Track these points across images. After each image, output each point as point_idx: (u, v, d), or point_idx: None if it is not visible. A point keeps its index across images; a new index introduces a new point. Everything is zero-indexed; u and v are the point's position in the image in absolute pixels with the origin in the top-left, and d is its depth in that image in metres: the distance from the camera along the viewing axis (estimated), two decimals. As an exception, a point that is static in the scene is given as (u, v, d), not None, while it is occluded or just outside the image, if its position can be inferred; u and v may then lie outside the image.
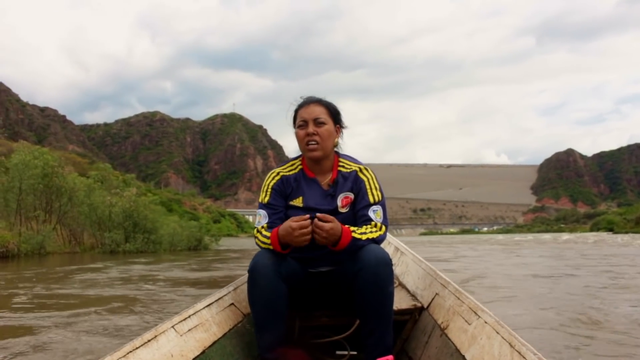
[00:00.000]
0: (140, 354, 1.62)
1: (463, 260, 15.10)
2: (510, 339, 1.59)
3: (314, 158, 2.33)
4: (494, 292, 6.87)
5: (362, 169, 2.36)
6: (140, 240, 23.08)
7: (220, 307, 2.26)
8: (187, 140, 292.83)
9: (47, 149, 23.23)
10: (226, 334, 2.16)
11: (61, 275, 10.46)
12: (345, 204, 2.31)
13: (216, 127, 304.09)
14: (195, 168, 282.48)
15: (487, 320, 1.80)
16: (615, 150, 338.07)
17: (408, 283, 2.87)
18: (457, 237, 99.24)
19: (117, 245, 22.34)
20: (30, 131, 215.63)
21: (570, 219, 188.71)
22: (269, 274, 2.10)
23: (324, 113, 2.33)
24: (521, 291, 6.99)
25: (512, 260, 15.10)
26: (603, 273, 9.73)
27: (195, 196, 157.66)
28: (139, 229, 23.60)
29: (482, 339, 1.76)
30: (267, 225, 2.27)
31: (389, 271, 2.08)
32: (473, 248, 25.92)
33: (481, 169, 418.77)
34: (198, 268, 12.80)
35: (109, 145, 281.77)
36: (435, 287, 2.41)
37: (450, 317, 2.09)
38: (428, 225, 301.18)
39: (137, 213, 23.69)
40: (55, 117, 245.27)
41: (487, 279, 8.94)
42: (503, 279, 8.96)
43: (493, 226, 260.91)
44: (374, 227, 2.21)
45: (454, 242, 44.34)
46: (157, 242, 24.11)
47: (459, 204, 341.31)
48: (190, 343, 1.90)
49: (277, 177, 2.39)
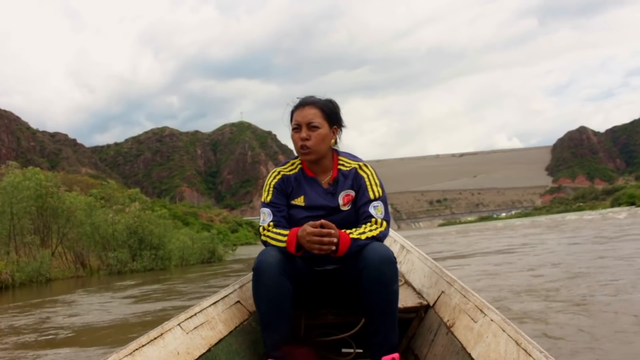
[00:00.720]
0: (146, 351, 1.63)
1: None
2: (517, 337, 1.58)
3: (307, 161, 2.36)
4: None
5: (361, 165, 2.37)
6: (147, 257, 21.77)
7: (226, 305, 2.28)
8: (197, 153, 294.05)
9: (38, 168, 21.74)
10: (232, 332, 2.17)
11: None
12: (346, 201, 2.33)
13: (225, 137, 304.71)
14: (208, 180, 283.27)
15: (493, 319, 1.79)
16: (629, 124, 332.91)
17: (414, 281, 2.87)
18: (476, 224, 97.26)
19: (124, 265, 21.07)
20: (43, 157, 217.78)
21: (589, 196, 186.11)
22: (274, 272, 2.08)
23: (318, 116, 2.31)
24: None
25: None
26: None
27: (211, 208, 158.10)
28: (145, 245, 22.21)
29: (488, 337, 1.75)
30: (274, 223, 2.28)
31: (394, 269, 2.08)
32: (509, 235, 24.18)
33: (494, 154, 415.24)
34: (180, 292, 10.66)
35: (121, 164, 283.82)
36: (441, 285, 2.40)
37: (457, 315, 2.08)
38: (446, 215, 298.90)
39: (141, 229, 22.26)
40: (66, 142, 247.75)
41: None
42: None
43: (511, 211, 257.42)
44: (374, 225, 2.21)
45: (470, 230, 42.56)
46: (166, 257, 22.82)
47: (474, 192, 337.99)
48: (197, 341, 1.91)
49: (278, 176, 2.40)
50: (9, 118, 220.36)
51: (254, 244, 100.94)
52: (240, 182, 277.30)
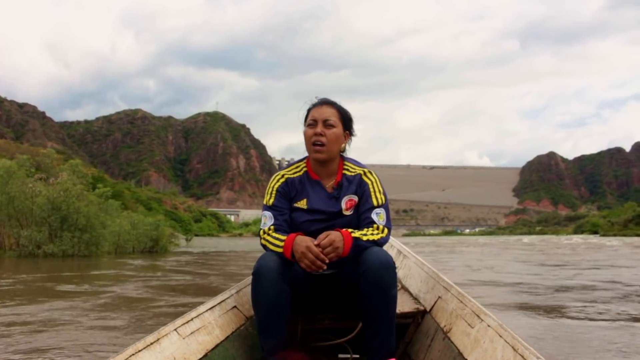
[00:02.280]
0: (142, 357, 1.63)
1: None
2: (514, 343, 1.58)
3: (318, 160, 2.36)
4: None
5: (366, 172, 2.39)
6: (68, 240, 18.64)
7: (222, 310, 2.27)
8: (169, 139, 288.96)
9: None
10: (229, 337, 2.16)
11: None
12: (349, 206, 2.35)
13: (199, 126, 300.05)
14: (177, 167, 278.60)
15: (490, 324, 1.79)
16: (596, 154, 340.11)
17: (411, 286, 2.88)
18: (440, 238, 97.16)
19: (38, 247, 18.04)
20: (8, 127, 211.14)
21: (552, 221, 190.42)
22: (274, 277, 2.10)
23: (335, 116, 2.37)
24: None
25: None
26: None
27: (176, 195, 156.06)
28: (68, 225, 19.00)
29: (485, 342, 1.76)
30: (274, 227, 2.29)
31: (392, 274, 2.10)
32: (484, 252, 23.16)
33: (464, 170, 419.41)
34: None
35: (90, 142, 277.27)
36: (438, 291, 2.41)
37: (453, 321, 2.08)
38: (410, 226, 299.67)
39: (66, 205, 18.86)
40: (35, 114, 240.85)
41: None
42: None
43: (475, 228, 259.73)
44: (375, 230, 2.23)
45: (440, 243, 41.56)
46: (93, 242, 19.66)
47: (441, 206, 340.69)
48: (193, 346, 1.90)
49: (281, 179, 2.41)
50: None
51: (216, 236, 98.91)
52: (209, 172, 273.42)
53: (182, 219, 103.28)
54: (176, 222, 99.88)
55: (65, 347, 3.85)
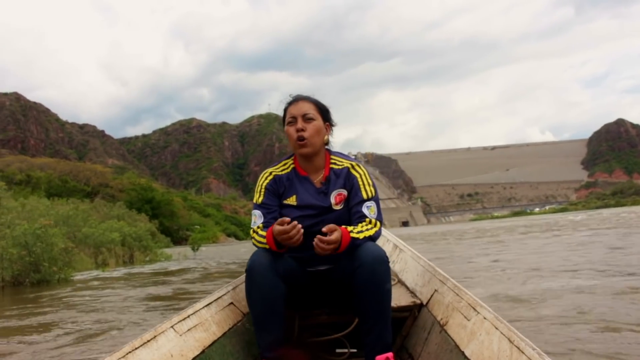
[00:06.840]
0: (139, 354, 1.63)
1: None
2: (510, 335, 1.59)
3: (304, 154, 2.36)
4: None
5: (354, 165, 2.39)
6: None
7: (219, 306, 2.27)
8: (225, 145, 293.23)
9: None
10: (226, 334, 2.16)
11: None
12: (339, 201, 2.33)
13: (253, 129, 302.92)
14: (235, 171, 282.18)
15: (486, 316, 1.80)
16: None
17: (407, 280, 2.89)
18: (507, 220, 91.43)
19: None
20: (71, 148, 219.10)
21: (628, 191, 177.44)
22: (267, 273, 2.11)
23: (313, 109, 2.36)
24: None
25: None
26: None
27: (236, 199, 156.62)
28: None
29: (481, 334, 1.77)
30: (263, 225, 2.29)
31: (386, 269, 2.10)
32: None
33: (527, 148, 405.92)
34: None
35: (149, 156, 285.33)
36: (434, 284, 2.41)
37: (450, 314, 2.09)
38: (477, 210, 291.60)
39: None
40: (94, 133, 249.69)
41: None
42: None
43: (545, 206, 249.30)
44: (369, 224, 2.23)
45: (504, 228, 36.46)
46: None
47: (507, 186, 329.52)
48: (190, 343, 1.90)
49: (269, 177, 2.41)
50: (38, 110, 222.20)
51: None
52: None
53: (243, 223, 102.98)
54: (237, 227, 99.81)
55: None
